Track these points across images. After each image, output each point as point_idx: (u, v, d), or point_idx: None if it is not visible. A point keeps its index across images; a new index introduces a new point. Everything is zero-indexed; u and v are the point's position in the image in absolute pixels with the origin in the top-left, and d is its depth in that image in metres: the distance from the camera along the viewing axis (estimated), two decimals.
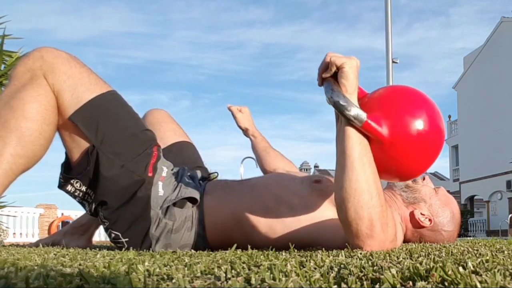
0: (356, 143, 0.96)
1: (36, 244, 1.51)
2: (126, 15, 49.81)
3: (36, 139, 1.08)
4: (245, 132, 1.77)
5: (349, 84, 0.97)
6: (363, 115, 0.95)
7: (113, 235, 1.19)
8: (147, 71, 54.60)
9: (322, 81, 1.02)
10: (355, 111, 0.95)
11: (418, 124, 0.97)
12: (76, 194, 1.19)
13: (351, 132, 0.97)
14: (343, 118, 0.98)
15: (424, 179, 1.42)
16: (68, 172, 1.18)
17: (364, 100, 1.04)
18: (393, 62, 3.27)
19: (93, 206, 1.18)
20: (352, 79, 0.98)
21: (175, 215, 1.18)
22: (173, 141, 1.57)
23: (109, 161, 1.13)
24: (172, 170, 1.28)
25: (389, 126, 0.97)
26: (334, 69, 0.99)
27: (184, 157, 1.51)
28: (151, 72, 54.77)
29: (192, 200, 1.21)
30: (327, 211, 1.17)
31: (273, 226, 1.19)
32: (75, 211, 9.85)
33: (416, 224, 1.33)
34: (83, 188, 1.17)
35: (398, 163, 1.00)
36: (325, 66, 1.01)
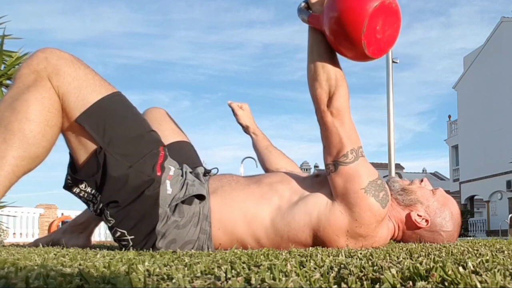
0: (309, 38, 1.27)
1: (35, 244, 1.51)
2: (126, 15, 49.83)
3: (39, 141, 1.08)
4: (246, 129, 1.77)
5: None
6: (307, 14, 1.26)
7: (118, 233, 1.19)
8: (147, 71, 54.58)
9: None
10: (302, 12, 1.28)
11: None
12: (81, 195, 1.20)
13: (308, 32, 1.27)
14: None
15: (422, 181, 1.42)
16: (75, 173, 1.18)
17: None
18: (393, 62, 3.27)
19: (99, 206, 1.18)
20: None
21: (183, 211, 1.20)
22: (172, 140, 1.57)
23: (117, 162, 1.14)
24: (178, 169, 1.29)
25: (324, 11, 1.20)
26: None
27: (183, 156, 1.51)
28: (151, 72, 54.75)
29: (199, 196, 1.22)
30: (326, 197, 1.22)
31: (276, 224, 1.21)
32: (75, 211, 9.85)
33: (412, 225, 1.34)
34: (89, 190, 1.17)
35: (338, 26, 1.16)
36: None
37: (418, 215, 1.33)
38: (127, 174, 1.14)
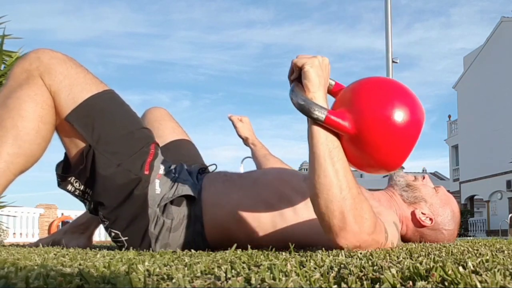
0: (322, 139, 0.97)
1: (36, 244, 1.51)
2: (126, 15, 49.87)
3: (33, 138, 1.08)
4: (245, 141, 1.80)
5: (311, 83, 0.98)
6: (323, 111, 0.95)
7: (113, 234, 1.19)
8: (148, 71, 54.69)
9: (291, 84, 1.03)
10: (315, 109, 0.95)
11: (381, 114, 0.95)
12: (76, 193, 1.20)
13: (316, 130, 0.98)
14: (308, 118, 0.99)
15: (423, 178, 1.42)
16: (67, 171, 1.18)
17: (338, 95, 1.05)
18: (393, 62, 3.27)
19: (92, 205, 1.18)
20: (314, 78, 0.98)
21: (172, 213, 1.18)
22: (172, 139, 1.57)
23: (105, 160, 1.13)
24: (169, 167, 1.28)
25: (353, 119, 0.96)
26: (296, 70, 1.01)
27: (183, 155, 1.50)
28: (152, 72, 54.87)
29: (189, 197, 1.21)
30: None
31: (274, 223, 1.19)
32: (75, 211, 9.84)
33: (417, 223, 1.34)
34: (82, 187, 1.17)
35: (373, 155, 0.98)
36: (291, 69, 1.03)
37: (422, 213, 1.33)
38: (115, 173, 1.14)
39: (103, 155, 1.13)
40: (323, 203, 0.95)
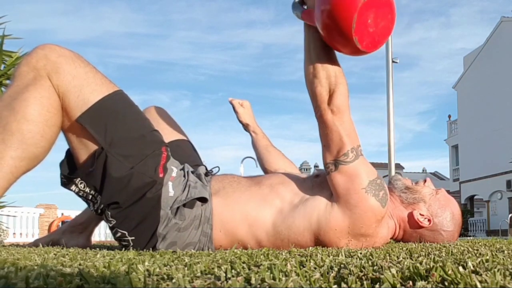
0: (305, 35, 1.24)
1: (35, 244, 1.51)
2: (126, 15, 49.87)
3: (38, 141, 1.07)
4: (246, 127, 1.74)
5: None
6: (300, 10, 1.24)
7: (119, 233, 1.18)
8: (148, 71, 54.65)
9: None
10: (295, 8, 1.25)
11: None
12: (80, 194, 1.19)
13: (304, 29, 1.25)
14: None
15: (425, 181, 1.43)
16: (73, 172, 1.17)
17: None
18: (393, 62, 3.26)
19: (100, 207, 1.17)
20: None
21: (184, 215, 1.19)
22: (171, 139, 1.56)
23: (118, 163, 1.12)
24: (181, 170, 1.28)
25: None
26: None
27: (183, 155, 1.50)
28: (152, 72, 54.83)
29: (201, 199, 1.21)
30: (325, 200, 1.21)
31: (276, 225, 1.21)
32: (75, 211, 9.84)
33: (414, 224, 1.34)
34: (87, 190, 1.16)
35: (332, 21, 1.12)
36: None
37: (420, 214, 1.34)
38: (129, 175, 1.13)
39: (116, 158, 1.12)
40: (307, 82, 1.23)
